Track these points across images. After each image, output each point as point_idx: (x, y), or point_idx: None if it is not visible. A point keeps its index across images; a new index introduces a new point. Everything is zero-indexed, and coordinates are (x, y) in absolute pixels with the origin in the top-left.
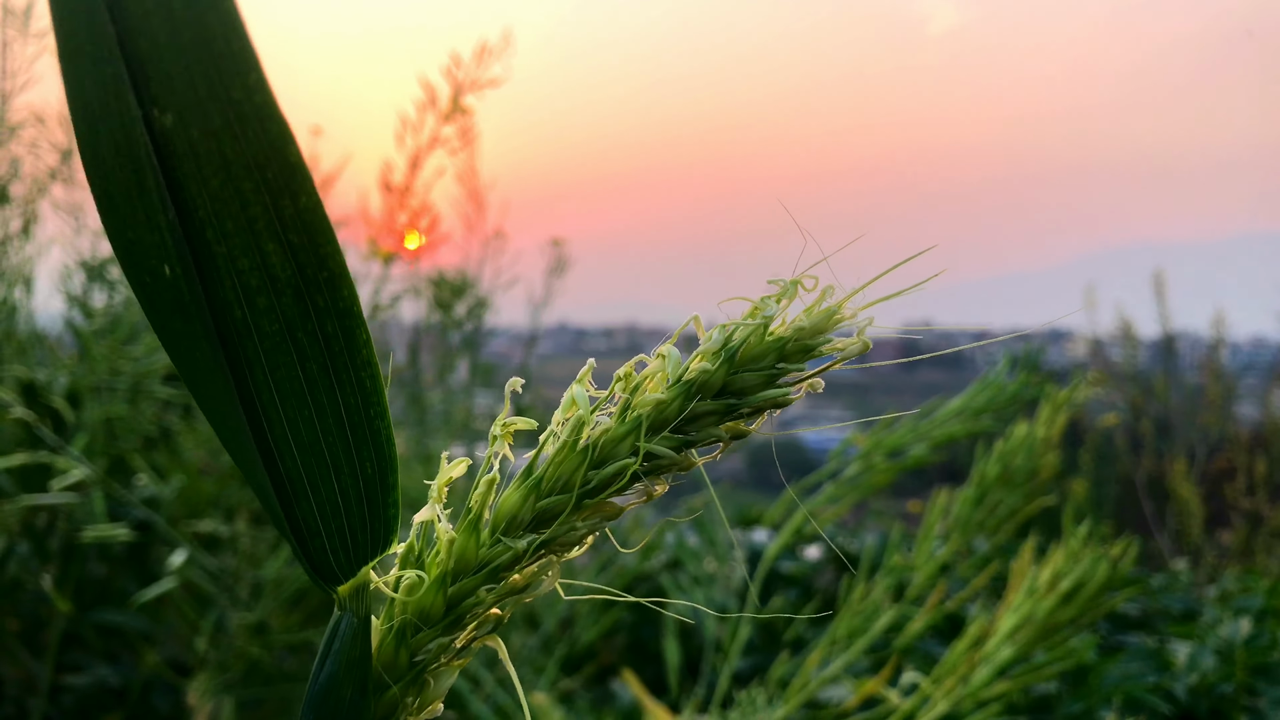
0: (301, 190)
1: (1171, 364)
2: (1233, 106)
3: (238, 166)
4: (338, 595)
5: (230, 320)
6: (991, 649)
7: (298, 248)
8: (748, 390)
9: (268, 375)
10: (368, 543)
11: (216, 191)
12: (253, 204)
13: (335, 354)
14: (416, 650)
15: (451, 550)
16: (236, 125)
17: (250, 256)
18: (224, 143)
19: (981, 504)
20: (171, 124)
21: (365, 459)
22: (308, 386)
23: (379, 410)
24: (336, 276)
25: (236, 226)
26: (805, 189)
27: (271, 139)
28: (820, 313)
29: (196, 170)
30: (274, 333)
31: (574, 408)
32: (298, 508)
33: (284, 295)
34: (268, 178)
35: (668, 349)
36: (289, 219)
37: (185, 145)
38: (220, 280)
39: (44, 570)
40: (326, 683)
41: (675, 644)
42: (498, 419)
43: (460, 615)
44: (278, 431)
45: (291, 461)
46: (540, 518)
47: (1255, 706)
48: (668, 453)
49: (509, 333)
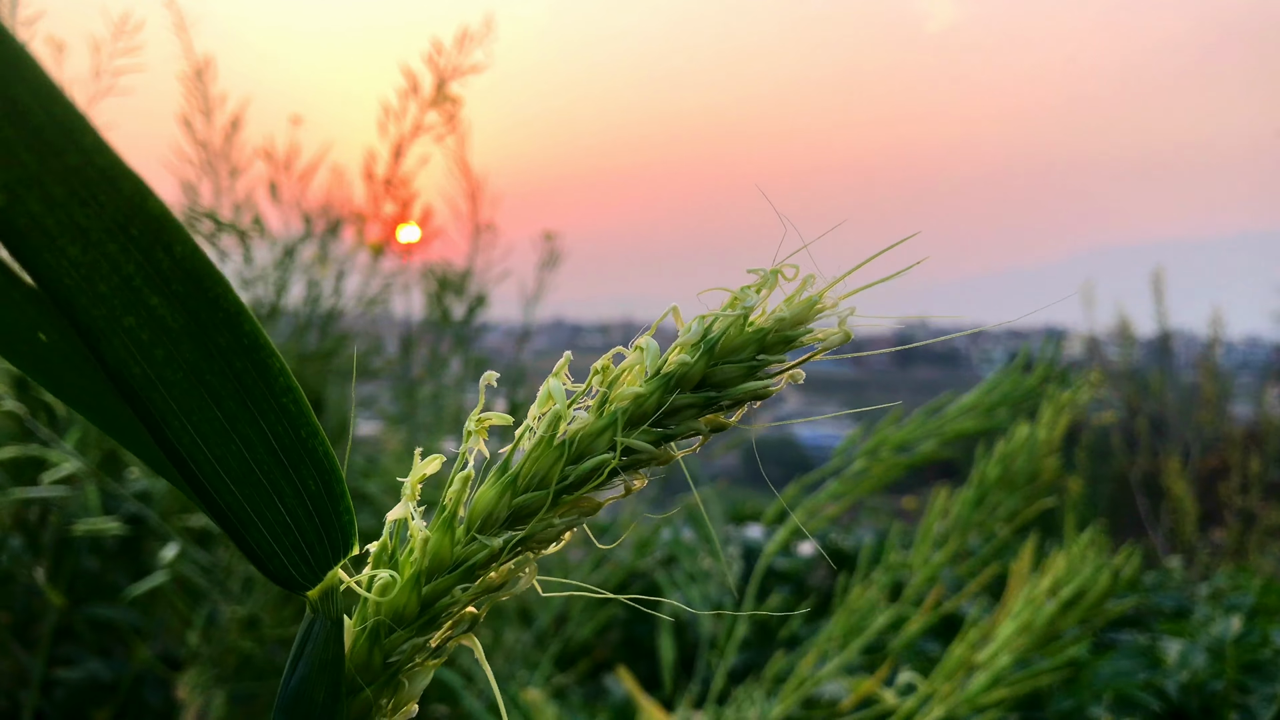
0: (175, 239)
1: (1167, 362)
2: (1231, 104)
3: (96, 231)
4: (309, 599)
5: (129, 376)
6: (989, 656)
7: (184, 296)
8: (728, 382)
9: (184, 421)
10: (326, 552)
11: (78, 259)
12: (124, 264)
13: (249, 388)
14: (390, 651)
15: (426, 549)
16: (83, 192)
17: (135, 313)
18: (73, 211)
19: (981, 505)
20: (5, 203)
21: (306, 477)
22: (229, 424)
23: (310, 430)
24: (234, 315)
25: (111, 288)
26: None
27: (127, 198)
28: (801, 302)
29: (49, 243)
30: (179, 380)
31: (550, 402)
32: (248, 535)
33: (181, 344)
34: (134, 235)
35: (646, 341)
36: (167, 271)
37: (26, 220)
38: (109, 340)
39: (37, 564)
40: (298, 685)
41: (670, 641)
42: (472, 414)
43: (435, 615)
44: (207, 470)
45: (230, 495)
46: (517, 514)
47: (1246, 704)
48: (646, 447)
49: (502, 328)
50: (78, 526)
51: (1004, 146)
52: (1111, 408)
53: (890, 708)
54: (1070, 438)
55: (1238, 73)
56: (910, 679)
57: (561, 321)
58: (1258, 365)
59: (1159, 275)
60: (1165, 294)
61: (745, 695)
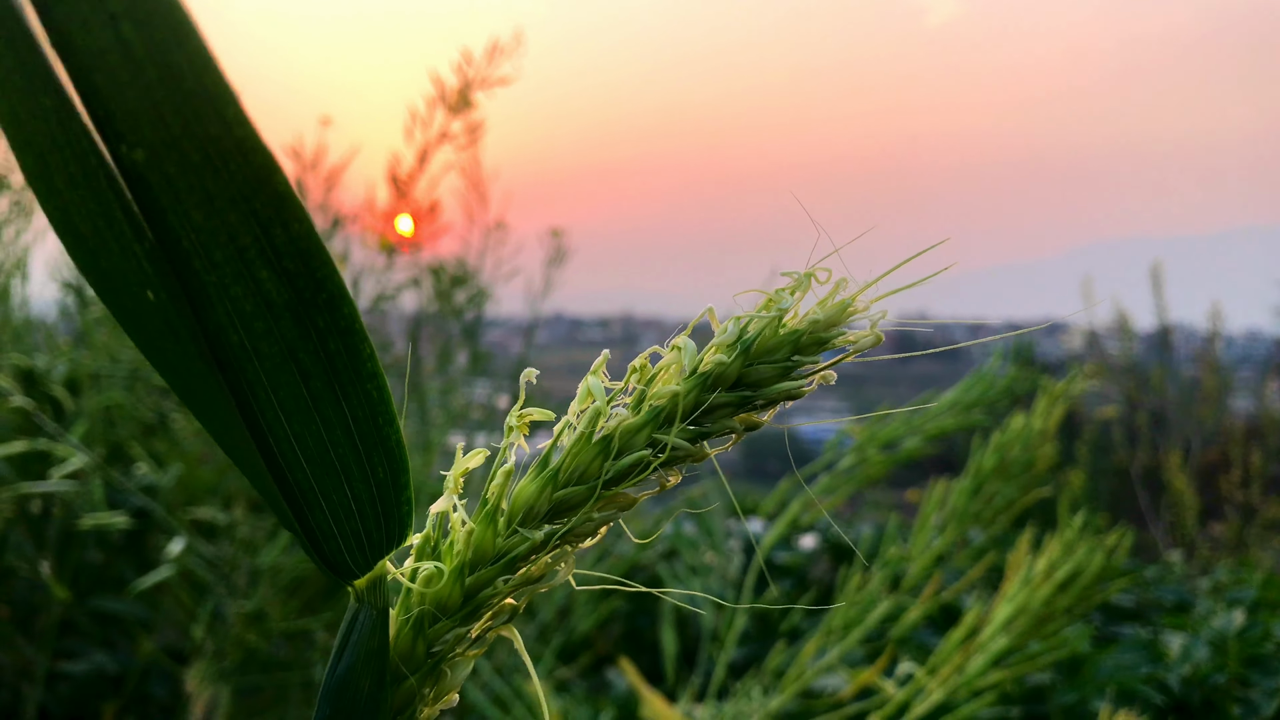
0: (292, 218)
1: (1167, 357)
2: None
3: (221, 200)
4: (354, 589)
5: (227, 344)
6: (987, 638)
7: (293, 274)
8: (763, 382)
9: (271, 394)
10: (383, 540)
11: (200, 224)
12: (241, 234)
13: (339, 370)
14: (434, 641)
15: (469, 541)
16: (218, 160)
17: (243, 284)
18: (205, 178)
19: (978, 495)
20: (143, 159)
21: (376, 464)
22: (313, 402)
23: (387, 418)
24: (336, 297)
25: (225, 256)
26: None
27: (256, 171)
28: (834, 305)
29: (176, 204)
30: (274, 354)
31: (590, 399)
32: (311, 516)
33: (282, 319)
34: (255, 209)
35: (683, 341)
36: (281, 247)
37: (160, 180)
38: (212, 306)
39: (41, 557)
40: (344, 674)
41: (672, 633)
42: (513, 409)
43: (477, 606)
44: (284, 446)
45: (301, 473)
46: (557, 509)
47: (1248, 697)
48: (684, 444)
49: (507, 323)
50: (84, 521)
51: (1003, 140)
52: (1112, 402)
53: (889, 696)
54: (1071, 432)
55: (1238, 66)
56: (909, 669)
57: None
58: (1258, 359)
59: (1158, 269)
60: (1164, 288)
61: (746, 688)
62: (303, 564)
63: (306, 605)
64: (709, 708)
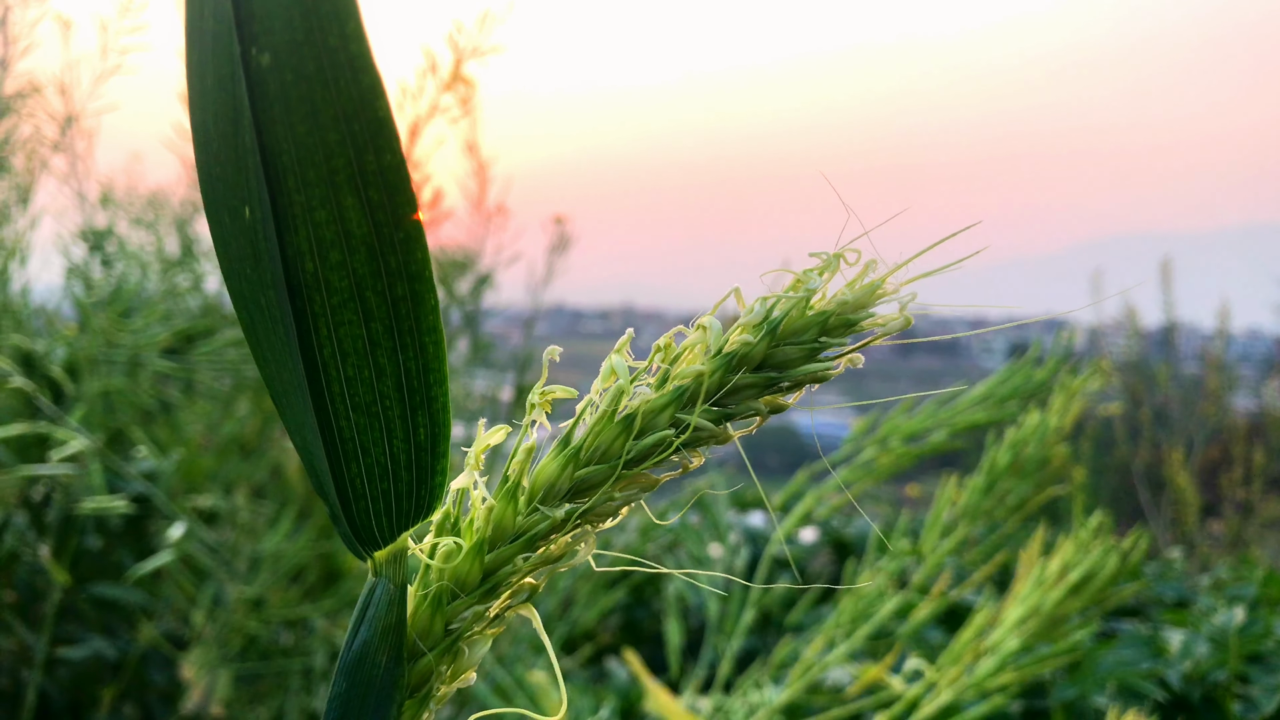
0: (387, 147)
1: (1171, 354)
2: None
3: (325, 115)
4: (374, 561)
5: (301, 271)
6: (998, 639)
7: (376, 205)
8: (789, 364)
9: (332, 331)
10: (411, 508)
11: (302, 139)
12: (336, 155)
13: (402, 317)
14: (452, 618)
15: (490, 518)
16: (329, 73)
17: (328, 209)
18: (315, 90)
19: (991, 492)
20: (268, 64)
21: (420, 424)
22: (370, 347)
23: (439, 377)
24: (412, 238)
25: (318, 176)
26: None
27: (362, 91)
28: (864, 287)
29: (285, 115)
30: (343, 288)
31: (613, 377)
32: (347, 469)
33: (357, 253)
34: (354, 130)
35: (709, 320)
36: (371, 174)
37: (278, 88)
38: (296, 229)
39: (41, 542)
40: (361, 649)
41: (676, 624)
42: (535, 386)
43: (496, 584)
44: (335, 389)
45: (346, 421)
46: (578, 488)
47: (1248, 694)
48: (708, 425)
49: (506, 312)
50: (84, 505)
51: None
52: (1115, 399)
53: (897, 694)
54: (1075, 428)
55: (1246, 63)
56: (917, 665)
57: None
58: (1259, 358)
59: (1167, 265)
60: (1173, 284)
61: (751, 681)
62: (304, 551)
63: (307, 593)
64: (714, 699)
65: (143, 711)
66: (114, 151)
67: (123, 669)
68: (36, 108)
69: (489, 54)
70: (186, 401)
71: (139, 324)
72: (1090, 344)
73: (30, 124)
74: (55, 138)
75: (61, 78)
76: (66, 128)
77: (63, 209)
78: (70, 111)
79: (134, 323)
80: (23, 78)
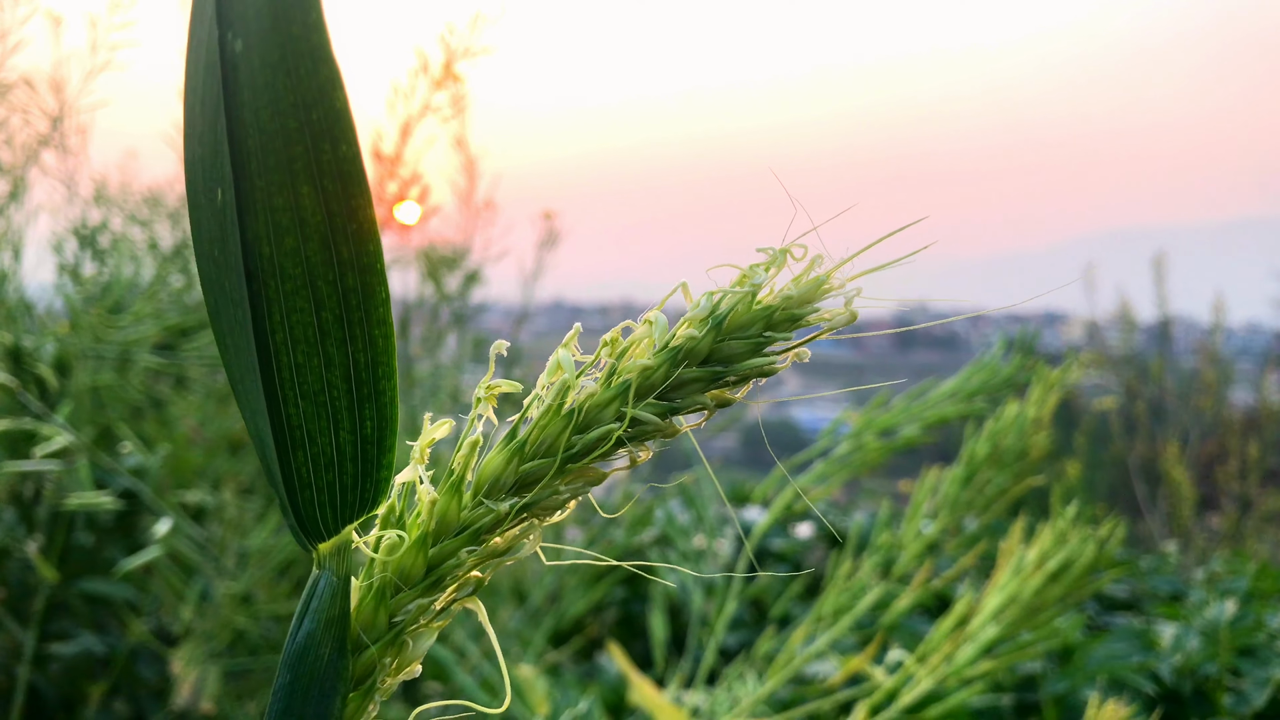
0: (343, 138)
1: (1167, 348)
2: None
3: (286, 103)
4: (318, 553)
5: (258, 255)
6: (976, 627)
7: (331, 195)
8: (734, 358)
9: (285, 317)
10: (356, 501)
11: (265, 124)
12: (295, 143)
13: (352, 308)
14: (396, 611)
15: (433, 511)
16: (291, 61)
17: (285, 195)
18: (278, 77)
19: (970, 483)
20: (240, 50)
21: (367, 417)
22: (320, 336)
23: (387, 371)
24: (365, 230)
25: (277, 162)
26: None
27: (321, 81)
28: (809, 282)
29: (252, 100)
30: (296, 275)
31: (559, 371)
32: (293, 456)
33: (311, 241)
34: (312, 119)
35: (655, 315)
36: (327, 164)
37: (247, 73)
38: (256, 214)
39: (30, 538)
40: (304, 641)
41: (662, 618)
42: (482, 381)
43: (441, 577)
44: (285, 375)
45: (294, 408)
46: (523, 481)
47: (1238, 687)
48: (652, 418)
49: (501, 307)
50: (70, 501)
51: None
52: (1111, 393)
53: (878, 683)
54: (1070, 422)
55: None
56: (899, 656)
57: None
58: (1258, 352)
59: (1160, 260)
60: (1166, 279)
61: (736, 673)
62: (291, 546)
63: (295, 587)
64: (698, 693)
65: (134, 707)
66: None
67: (113, 664)
68: (28, 103)
69: (480, 54)
70: (177, 397)
71: (128, 320)
72: (1088, 338)
73: (22, 119)
74: (47, 133)
75: (52, 74)
76: (58, 124)
77: (56, 206)
78: (62, 107)
79: (123, 318)
80: (13, 73)
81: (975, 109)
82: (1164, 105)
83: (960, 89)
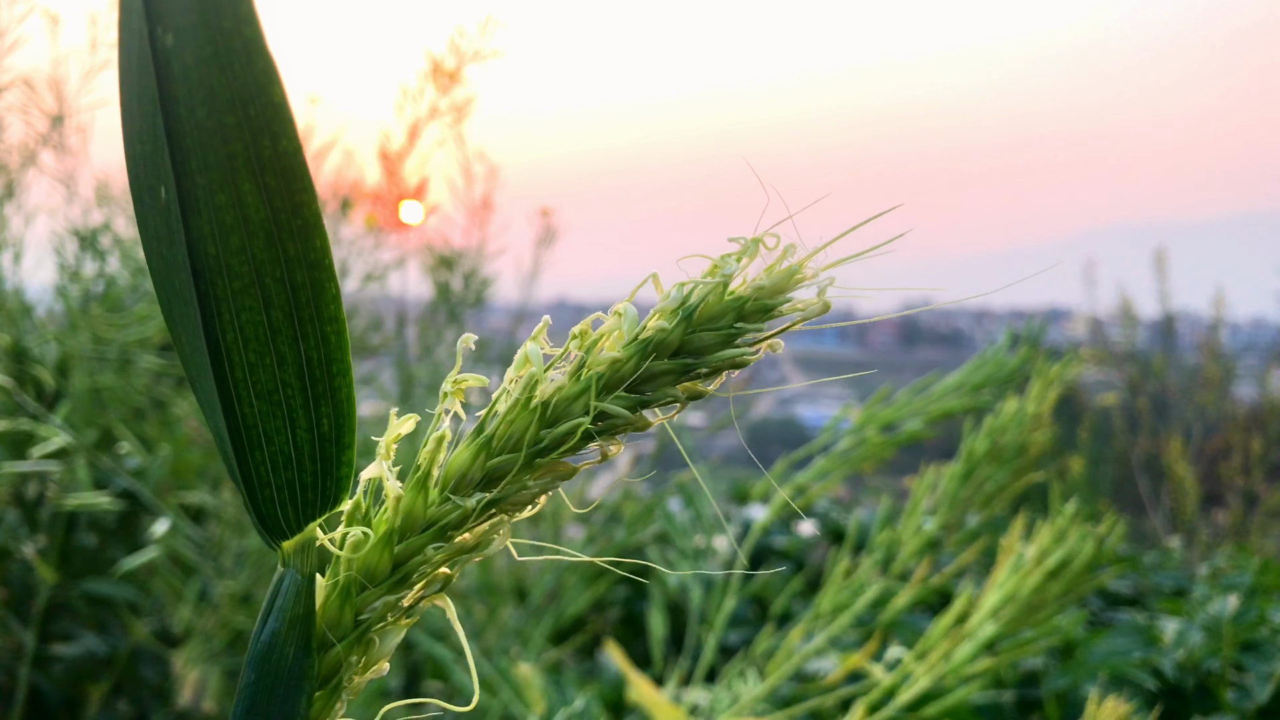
0: (282, 133)
1: (1170, 343)
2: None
3: (222, 99)
4: (282, 550)
5: (204, 254)
6: (975, 625)
7: (274, 191)
8: (705, 350)
9: (235, 316)
10: (318, 499)
11: (202, 121)
12: (234, 139)
13: (302, 304)
14: (362, 608)
15: (398, 508)
16: (224, 57)
17: (227, 192)
18: (212, 73)
19: (969, 479)
20: (171, 45)
21: (323, 414)
22: (270, 334)
23: (341, 367)
24: (310, 225)
25: (217, 160)
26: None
27: (256, 76)
28: (781, 272)
29: (188, 96)
30: (244, 274)
31: (527, 365)
32: (251, 456)
33: (256, 238)
34: (250, 115)
35: (624, 306)
36: (267, 160)
37: (180, 69)
38: (199, 212)
39: (32, 539)
40: (269, 640)
41: (661, 615)
42: (449, 375)
43: (407, 574)
44: (238, 375)
45: (249, 408)
46: (491, 476)
47: (1241, 682)
48: (621, 412)
49: (501, 307)
50: (69, 502)
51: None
52: (1114, 389)
53: (877, 680)
54: (1073, 418)
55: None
56: (899, 653)
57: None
58: (1263, 347)
59: (1161, 255)
60: (1168, 274)
61: (736, 670)
62: None
63: None
64: (698, 690)
65: (136, 707)
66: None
67: (114, 664)
68: (27, 103)
69: (489, 59)
70: (178, 398)
71: (129, 320)
72: (1091, 334)
73: (21, 119)
74: (46, 132)
75: (51, 73)
76: (58, 124)
77: (56, 206)
78: (61, 107)
79: (124, 318)
80: (10, 72)
81: (976, 105)
82: (1167, 99)
83: (962, 85)
